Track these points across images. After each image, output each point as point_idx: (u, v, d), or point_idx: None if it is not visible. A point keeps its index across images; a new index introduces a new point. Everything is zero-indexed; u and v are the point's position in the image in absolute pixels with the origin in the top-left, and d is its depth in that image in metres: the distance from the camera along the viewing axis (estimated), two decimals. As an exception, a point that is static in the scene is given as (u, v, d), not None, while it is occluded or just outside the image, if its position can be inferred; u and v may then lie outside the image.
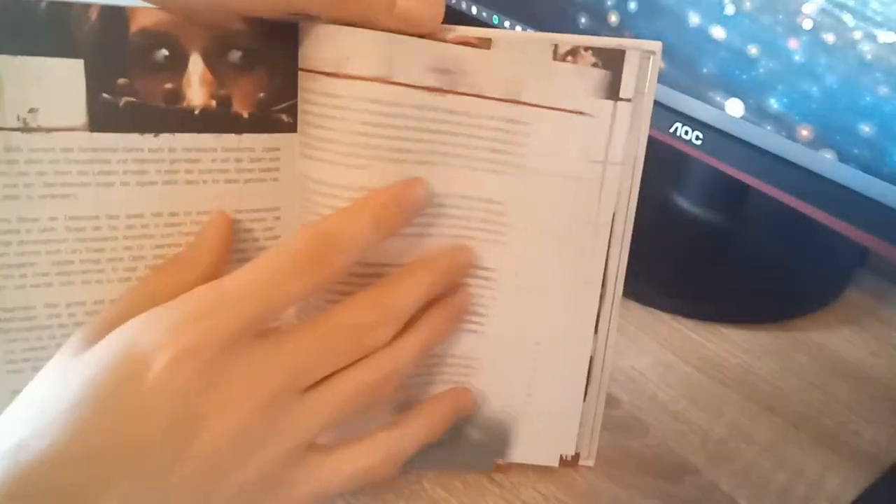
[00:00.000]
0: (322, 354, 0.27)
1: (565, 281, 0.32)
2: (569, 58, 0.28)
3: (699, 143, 0.43)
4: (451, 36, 0.28)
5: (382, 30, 0.27)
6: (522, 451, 0.35)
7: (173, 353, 0.24)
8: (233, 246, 0.30)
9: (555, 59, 0.28)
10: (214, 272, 0.28)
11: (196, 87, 0.28)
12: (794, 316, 0.48)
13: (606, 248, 0.31)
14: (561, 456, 0.35)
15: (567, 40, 0.29)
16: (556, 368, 0.34)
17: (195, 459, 0.24)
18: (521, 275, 0.32)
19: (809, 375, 0.44)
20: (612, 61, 0.29)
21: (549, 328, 0.33)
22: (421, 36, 0.28)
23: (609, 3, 0.45)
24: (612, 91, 0.29)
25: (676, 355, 0.45)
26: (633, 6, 0.44)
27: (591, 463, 0.35)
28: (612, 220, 0.31)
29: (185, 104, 0.28)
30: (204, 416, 0.24)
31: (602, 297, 0.32)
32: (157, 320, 0.25)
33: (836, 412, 0.41)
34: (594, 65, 0.29)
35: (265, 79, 0.29)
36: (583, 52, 0.28)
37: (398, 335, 0.29)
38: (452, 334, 0.32)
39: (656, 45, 0.29)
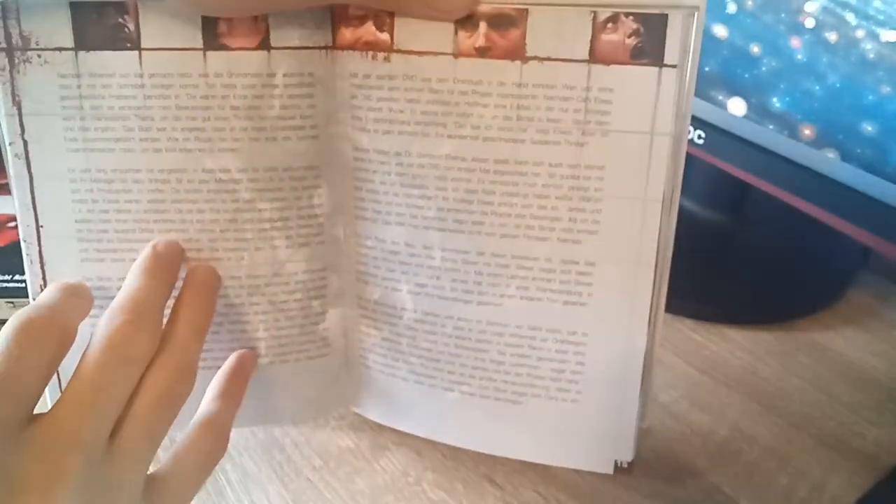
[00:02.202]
0: (100, 396, 0.25)
1: (616, 263, 0.30)
2: (609, 25, 0.27)
3: (701, 142, 0.43)
4: (485, 8, 0.28)
5: (416, 17, 0.28)
6: (572, 457, 0.34)
7: None
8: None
9: (594, 27, 0.27)
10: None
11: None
12: (796, 316, 0.48)
13: (658, 227, 0.29)
14: (616, 462, 0.33)
15: (606, 3, 0.27)
16: (608, 364, 0.32)
17: None
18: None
19: (812, 376, 0.43)
20: (654, 25, 0.27)
21: (599, 318, 0.31)
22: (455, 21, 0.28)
23: (610, 1, 0.45)
24: (656, 57, 0.27)
25: (678, 356, 0.44)
26: (634, 5, 0.44)
27: (645, 424, 0.34)
28: (662, 196, 0.29)
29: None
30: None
31: (654, 282, 0.30)
32: None
33: (838, 413, 0.41)
34: (636, 31, 0.27)
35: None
36: (623, 18, 0.27)
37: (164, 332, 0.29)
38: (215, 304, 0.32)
39: (700, 1, 0.27)
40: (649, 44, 0.27)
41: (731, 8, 0.39)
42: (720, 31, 0.40)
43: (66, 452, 0.24)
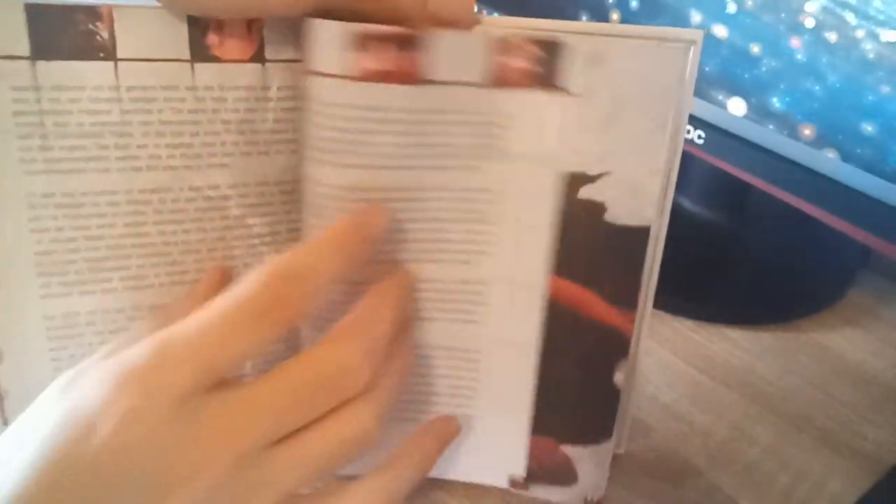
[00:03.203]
0: (289, 408, 0.24)
1: (508, 283, 0.30)
2: (506, 48, 0.27)
3: (701, 142, 0.43)
4: (381, 28, 0.26)
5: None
6: (469, 470, 0.34)
7: (119, 415, 0.21)
8: None
9: (491, 50, 0.27)
10: None
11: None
12: (796, 316, 0.48)
13: (547, 250, 0.30)
14: (509, 478, 0.34)
15: (507, 25, 0.27)
16: (501, 379, 0.32)
17: None
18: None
19: (812, 376, 0.43)
20: (552, 51, 0.27)
21: (492, 336, 0.31)
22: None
23: (610, 0, 0.45)
24: (552, 84, 0.27)
25: (678, 356, 0.44)
26: (634, 4, 0.44)
27: (621, 450, 0.34)
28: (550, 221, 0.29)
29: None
30: (164, 484, 0.22)
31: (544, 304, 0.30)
32: (101, 375, 0.22)
33: (838, 413, 0.41)
34: (533, 56, 0.27)
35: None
36: (521, 42, 0.27)
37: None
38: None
39: (697, 35, 0.26)
40: (547, 70, 0.27)
41: (731, 8, 0.39)
42: (720, 31, 0.40)
43: (233, 433, 0.23)
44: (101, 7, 0.26)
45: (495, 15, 0.54)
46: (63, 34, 0.26)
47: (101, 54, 0.26)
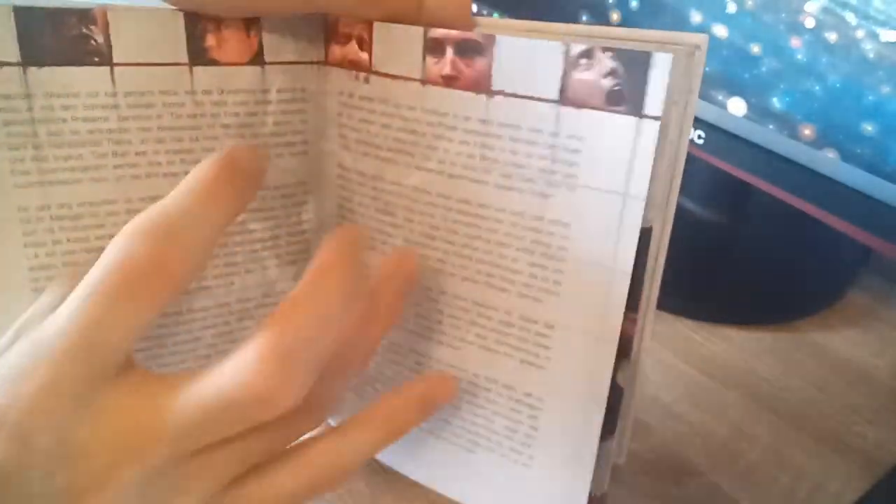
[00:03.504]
0: (197, 429, 0.21)
1: (576, 332, 0.28)
2: (583, 61, 0.24)
3: (701, 142, 0.43)
4: (453, 32, 0.26)
5: (412, 23, 0.27)
6: None
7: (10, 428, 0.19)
8: None
9: (566, 62, 0.24)
10: None
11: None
12: (796, 316, 0.48)
13: (624, 302, 0.26)
14: (590, 494, 0.32)
15: (583, 33, 0.26)
16: (562, 434, 0.29)
17: None
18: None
19: (812, 376, 0.43)
20: (635, 65, 0.23)
21: (555, 385, 0.29)
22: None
23: (610, 0, 0.45)
24: (636, 105, 0.23)
25: (678, 356, 0.44)
26: (634, 4, 0.44)
27: (622, 460, 0.34)
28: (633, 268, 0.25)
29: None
30: (84, 488, 0.20)
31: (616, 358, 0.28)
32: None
33: (838, 413, 0.41)
34: (613, 71, 0.23)
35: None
36: (599, 53, 0.23)
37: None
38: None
39: (701, 39, 0.23)
40: (628, 87, 0.23)
41: (731, 8, 0.39)
42: (720, 31, 0.40)
43: (125, 463, 0.20)
44: (94, 10, 0.25)
45: (495, 16, 0.54)
46: (55, 38, 0.25)
47: (96, 59, 0.26)
